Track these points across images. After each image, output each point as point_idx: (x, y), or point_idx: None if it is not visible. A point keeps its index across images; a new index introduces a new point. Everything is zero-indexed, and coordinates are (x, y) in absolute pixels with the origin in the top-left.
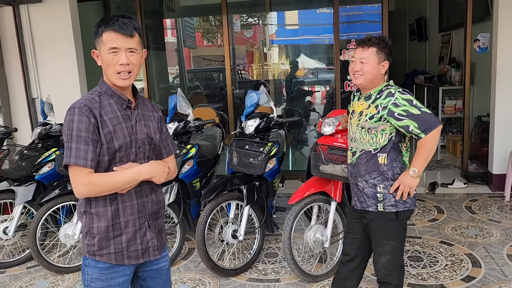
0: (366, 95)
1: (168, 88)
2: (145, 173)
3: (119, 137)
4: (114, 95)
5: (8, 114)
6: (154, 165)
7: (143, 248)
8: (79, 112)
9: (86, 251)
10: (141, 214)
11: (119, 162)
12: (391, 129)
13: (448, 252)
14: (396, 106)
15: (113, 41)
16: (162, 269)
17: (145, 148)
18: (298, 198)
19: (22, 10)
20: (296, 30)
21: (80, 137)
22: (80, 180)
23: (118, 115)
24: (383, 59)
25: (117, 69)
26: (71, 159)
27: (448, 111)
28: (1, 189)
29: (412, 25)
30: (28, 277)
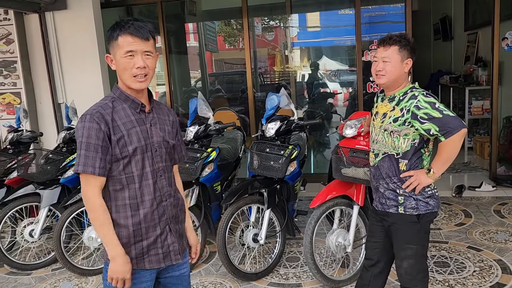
0: (390, 96)
1: (190, 92)
2: (113, 257)
3: (133, 141)
4: (128, 100)
5: (35, 119)
6: (127, 268)
7: (164, 252)
8: (90, 119)
9: (107, 258)
10: (162, 218)
11: (135, 167)
12: (414, 135)
13: (476, 257)
14: (418, 109)
15: (130, 44)
16: (183, 275)
17: (162, 152)
18: (320, 201)
19: (48, 18)
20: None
21: (89, 144)
22: (88, 189)
23: (132, 119)
24: (406, 57)
25: (134, 72)
26: (79, 167)
27: (475, 112)
28: (27, 192)
29: (436, 25)
30: (53, 279)
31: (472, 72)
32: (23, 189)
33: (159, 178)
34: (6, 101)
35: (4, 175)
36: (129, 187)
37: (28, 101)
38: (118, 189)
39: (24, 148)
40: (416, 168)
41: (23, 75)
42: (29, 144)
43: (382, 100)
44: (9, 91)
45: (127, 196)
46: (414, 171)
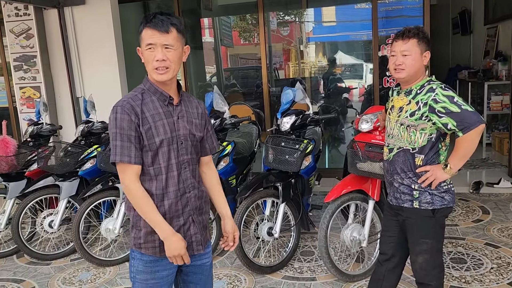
0: (407, 90)
1: (205, 86)
2: (165, 238)
3: (160, 133)
4: (156, 92)
5: (54, 113)
6: (180, 245)
7: (186, 242)
8: (121, 111)
9: (133, 244)
10: (185, 209)
11: (162, 159)
12: (431, 130)
13: (494, 254)
14: (436, 103)
15: (150, 37)
16: (204, 265)
17: (187, 144)
18: (335, 196)
19: (66, 12)
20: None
21: (123, 135)
22: (125, 177)
23: (160, 112)
24: (425, 49)
25: (154, 65)
26: (116, 156)
27: (494, 107)
28: (47, 184)
29: (455, 19)
30: (72, 269)
31: (491, 67)
32: (43, 181)
33: (184, 170)
34: (26, 95)
35: (25, 167)
36: (157, 178)
37: (47, 95)
38: (146, 180)
39: (44, 141)
40: (433, 163)
41: (42, 70)
42: (48, 137)
43: (398, 93)
44: (29, 85)
45: (154, 187)
46: (430, 166)
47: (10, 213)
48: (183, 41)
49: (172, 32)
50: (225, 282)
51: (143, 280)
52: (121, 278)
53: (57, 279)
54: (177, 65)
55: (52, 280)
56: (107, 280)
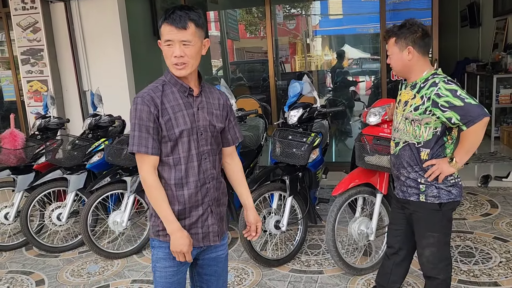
0: (412, 83)
1: (211, 80)
2: (171, 232)
3: (179, 124)
4: (177, 84)
5: (61, 106)
6: (184, 241)
7: (203, 232)
8: (141, 102)
9: (152, 232)
10: (205, 200)
11: (181, 149)
12: (435, 124)
13: (503, 248)
14: (439, 97)
15: (168, 33)
16: (220, 257)
17: (207, 135)
18: (342, 189)
19: (73, 6)
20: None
21: (141, 126)
22: (142, 167)
23: (180, 103)
24: (405, 46)
25: (173, 60)
26: (134, 147)
27: (503, 101)
28: (55, 177)
29: (463, 11)
30: (80, 261)
31: (500, 60)
32: (51, 174)
33: (204, 161)
34: (33, 89)
35: (33, 160)
36: (176, 168)
37: (54, 88)
38: (165, 169)
39: (52, 134)
40: (439, 156)
41: (49, 63)
42: (56, 130)
43: (405, 87)
44: (36, 78)
45: (173, 176)
46: (436, 159)
47: (19, 206)
48: (202, 34)
49: (190, 27)
50: (232, 275)
51: (163, 268)
52: (129, 271)
53: (66, 271)
54: (196, 60)
55: (61, 272)
56: (115, 272)
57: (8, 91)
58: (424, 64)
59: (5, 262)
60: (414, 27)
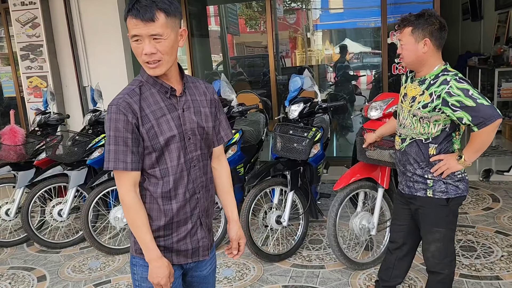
0: (420, 78)
1: (211, 75)
2: (150, 260)
3: (164, 131)
4: (156, 84)
5: (61, 102)
6: (163, 272)
7: (193, 247)
8: (116, 110)
9: (134, 250)
10: (194, 211)
11: (169, 158)
12: (445, 121)
13: (505, 242)
14: (450, 96)
15: (134, 28)
16: (210, 275)
17: (196, 139)
18: (344, 184)
19: (72, 1)
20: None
21: (118, 138)
22: (120, 185)
23: (162, 106)
24: (422, 37)
25: (143, 58)
26: (110, 163)
27: (505, 94)
28: (55, 173)
29: (465, 4)
30: (81, 257)
31: (502, 53)
32: (51, 170)
33: (193, 169)
34: (33, 85)
35: (33, 156)
36: (164, 180)
37: (54, 84)
38: (151, 183)
39: (52, 130)
40: (447, 151)
41: (49, 59)
42: (56, 126)
43: (412, 80)
44: (35, 74)
45: (160, 189)
46: (444, 155)
47: (20, 202)
48: (176, 24)
49: (159, 18)
50: (233, 270)
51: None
52: (130, 266)
53: (67, 267)
54: (171, 55)
55: (62, 268)
56: (116, 268)
57: (8, 87)
58: (437, 58)
59: (6, 258)
60: (432, 18)
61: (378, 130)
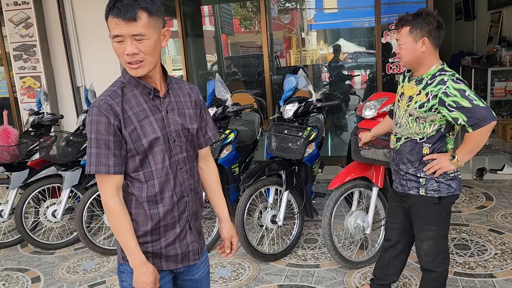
0: (418, 78)
1: (206, 75)
2: (135, 266)
3: (147, 133)
4: (139, 85)
5: (55, 102)
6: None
7: (182, 252)
8: (97, 112)
9: (122, 257)
10: (182, 215)
11: (153, 161)
12: (440, 121)
13: (498, 240)
14: (447, 96)
15: (115, 27)
16: (202, 278)
17: (181, 141)
18: (338, 183)
19: (65, 1)
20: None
21: (99, 141)
22: (102, 189)
23: (145, 108)
24: (420, 36)
25: (125, 59)
26: (91, 167)
27: (498, 94)
28: (49, 174)
29: (458, 4)
30: (76, 258)
31: (495, 53)
32: (45, 171)
33: (180, 171)
34: (26, 85)
35: (27, 157)
36: (148, 184)
37: (48, 84)
38: (136, 186)
39: (46, 131)
40: (440, 151)
41: (42, 59)
42: (50, 126)
43: (409, 80)
44: (29, 74)
45: (145, 193)
46: (438, 154)
47: (14, 203)
48: (158, 24)
49: (142, 18)
50: (229, 270)
51: None
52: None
53: (62, 268)
54: (154, 56)
55: (57, 269)
56: (111, 269)
57: (1, 87)
58: (434, 57)
59: (0, 259)
60: (430, 17)
61: (373, 129)
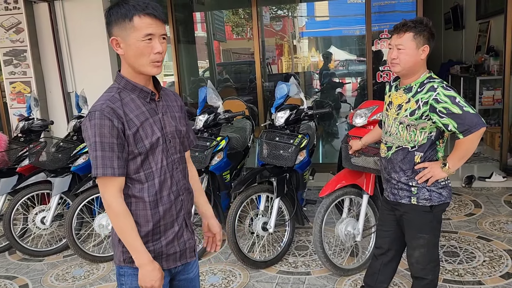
0: (406, 86)
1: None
2: (141, 265)
3: (148, 135)
4: (135, 89)
5: (45, 108)
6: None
7: (181, 250)
8: (100, 116)
9: (122, 260)
10: (179, 214)
11: (153, 162)
12: (431, 128)
13: (486, 247)
14: (437, 102)
15: (149, 26)
16: (196, 277)
17: (176, 142)
18: (329, 190)
19: (57, 6)
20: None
21: (104, 144)
22: (107, 192)
23: (143, 110)
24: (422, 44)
25: (152, 58)
26: (98, 170)
27: (486, 102)
28: (38, 180)
29: (447, 14)
30: (65, 265)
31: (483, 62)
32: (34, 177)
33: (175, 171)
34: (16, 90)
35: (16, 163)
36: (149, 184)
37: (38, 90)
38: (136, 187)
39: (35, 136)
40: (431, 159)
41: (33, 64)
42: (40, 132)
43: (397, 89)
44: (19, 80)
45: (146, 193)
46: (429, 163)
47: (2, 209)
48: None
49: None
50: (219, 277)
51: None
52: (114, 274)
53: (50, 275)
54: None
55: (45, 276)
56: (100, 276)
57: None
58: (424, 66)
59: None
60: (430, 26)
61: (364, 138)
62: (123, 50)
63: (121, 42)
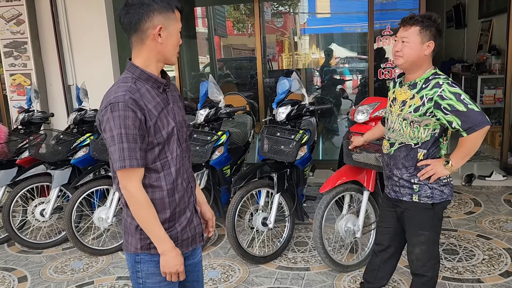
0: (411, 82)
1: (199, 77)
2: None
3: (165, 125)
4: (149, 79)
5: (45, 100)
6: (179, 260)
7: (192, 235)
8: (124, 107)
9: (140, 247)
10: (190, 200)
11: (169, 151)
12: (435, 125)
13: (486, 246)
14: (442, 99)
15: (179, 21)
16: (200, 261)
17: (183, 131)
18: (330, 186)
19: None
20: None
21: (129, 135)
22: (131, 183)
23: (158, 101)
24: (428, 39)
25: (177, 49)
26: (125, 162)
27: (487, 101)
28: (38, 172)
29: (449, 12)
30: (64, 258)
31: (485, 61)
32: (34, 169)
33: (185, 159)
34: (16, 82)
35: (16, 155)
36: (165, 173)
37: (38, 82)
38: (153, 176)
39: (35, 129)
40: (434, 156)
41: (33, 56)
42: (40, 124)
43: (401, 85)
44: (19, 72)
45: (164, 182)
46: (432, 160)
47: (1, 201)
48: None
49: None
50: (219, 272)
51: (157, 283)
52: (113, 267)
53: (49, 268)
54: None
55: (44, 269)
56: (99, 269)
57: None
58: (430, 62)
59: None
60: (438, 22)
61: (365, 134)
62: (162, 39)
63: (163, 31)
